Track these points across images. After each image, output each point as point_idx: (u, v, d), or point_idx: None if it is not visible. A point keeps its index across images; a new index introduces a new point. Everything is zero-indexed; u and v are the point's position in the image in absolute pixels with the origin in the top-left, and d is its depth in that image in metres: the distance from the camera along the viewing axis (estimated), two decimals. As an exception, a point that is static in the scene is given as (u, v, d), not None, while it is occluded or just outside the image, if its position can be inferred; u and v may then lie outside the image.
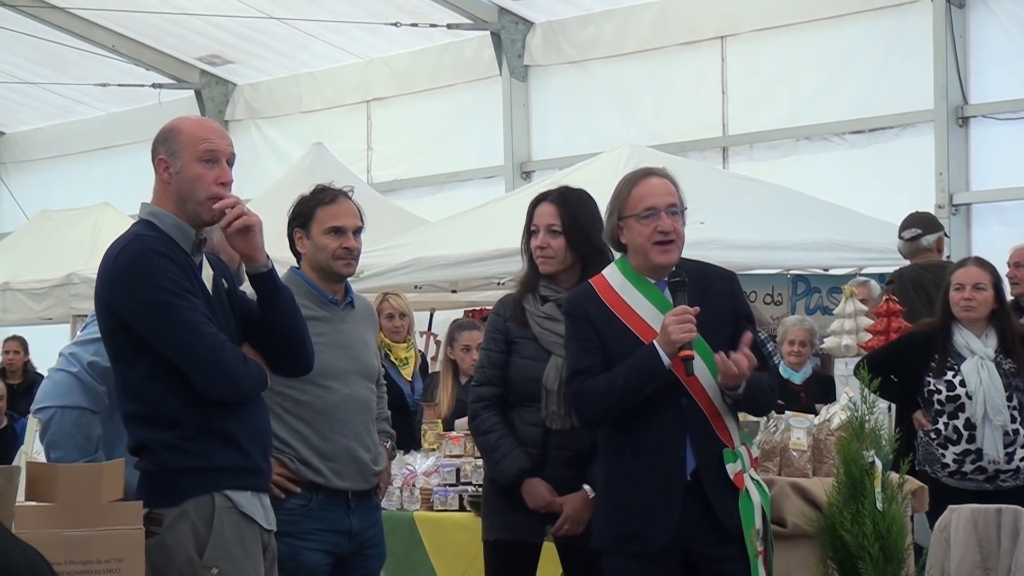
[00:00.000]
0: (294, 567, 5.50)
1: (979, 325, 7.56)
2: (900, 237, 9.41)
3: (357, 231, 5.78)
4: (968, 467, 7.49)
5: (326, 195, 5.79)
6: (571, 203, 5.88)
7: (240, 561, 4.62)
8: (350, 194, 5.85)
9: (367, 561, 5.78)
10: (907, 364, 7.67)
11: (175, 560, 4.52)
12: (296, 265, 5.83)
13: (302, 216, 5.79)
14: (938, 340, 7.57)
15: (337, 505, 5.63)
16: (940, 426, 7.53)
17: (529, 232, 5.90)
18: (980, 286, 7.55)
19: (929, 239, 9.33)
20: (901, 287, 9.09)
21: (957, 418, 7.49)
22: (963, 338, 7.55)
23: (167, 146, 4.74)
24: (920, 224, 9.45)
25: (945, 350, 7.55)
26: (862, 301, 9.28)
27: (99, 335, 4.92)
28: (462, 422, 9.35)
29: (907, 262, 9.56)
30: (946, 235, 9.68)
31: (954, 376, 7.50)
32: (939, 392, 7.51)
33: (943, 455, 7.52)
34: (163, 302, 4.55)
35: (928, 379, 7.56)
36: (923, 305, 8.69)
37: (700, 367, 5.15)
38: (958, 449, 7.50)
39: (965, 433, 7.48)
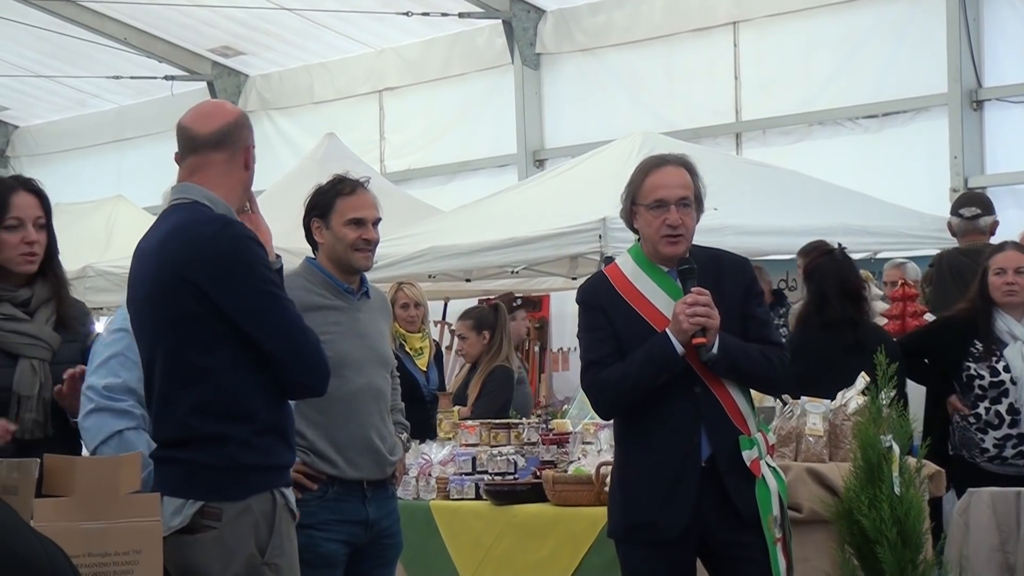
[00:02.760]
0: (311, 557, 5.50)
1: (1019, 310, 7.53)
2: (958, 214, 9.21)
3: (376, 222, 5.78)
4: (1009, 452, 7.47)
5: (345, 186, 5.78)
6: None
7: (291, 557, 4.60)
8: (367, 185, 5.85)
9: (384, 551, 5.79)
10: (944, 348, 7.64)
11: (236, 556, 4.44)
12: (311, 256, 5.83)
13: (321, 206, 5.78)
14: (979, 325, 7.52)
15: (353, 495, 5.64)
16: (981, 411, 7.50)
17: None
18: (1022, 270, 7.51)
19: (986, 220, 9.17)
20: (939, 272, 8.98)
21: (1000, 403, 7.47)
22: (1004, 323, 7.52)
23: (250, 133, 4.67)
24: (980, 204, 9.27)
25: (988, 335, 7.51)
26: (892, 285, 9.26)
27: (106, 356, 4.83)
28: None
29: (930, 248, 9.47)
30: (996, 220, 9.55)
31: (997, 361, 7.47)
32: (981, 377, 7.48)
33: (982, 440, 7.50)
34: (271, 293, 4.43)
35: (968, 364, 7.52)
36: (959, 291, 8.60)
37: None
38: (999, 434, 7.48)
39: (1008, 418, 7.46)
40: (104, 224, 15.16)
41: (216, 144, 4.57)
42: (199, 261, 4.37)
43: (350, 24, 17.15)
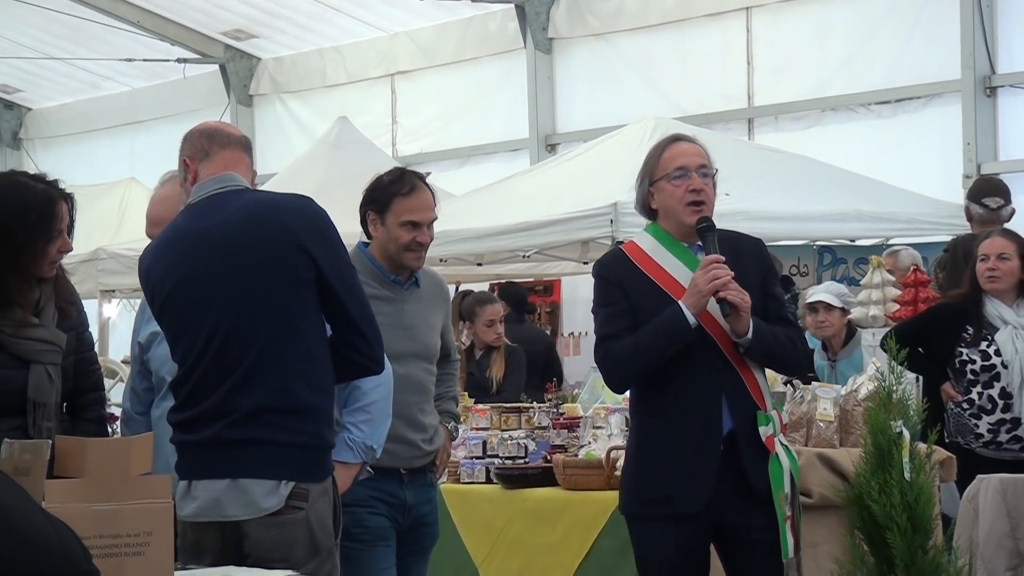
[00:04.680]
0: (359, 532, 5.51)
1: (1009, 295, 7.55)
2: (982, 204, 9.18)
3: (431, 223, 5.76)
4: (1003, 436, 7.48)
5: (404, 185, 5.73)
6: None
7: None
8: (425, 179, 5.80)
9: (420, 539, 5.78)
10: (937, 336, 7.65)
11: (319, 537, 4.50)
12: (365, 241, 5.81)
13: (378, 202, 5.73)
14: (970, 311, 7.55)
15: (389, 477, 5.63)
16: (974, 396, 7.50)
17: None
18: (1005, 256, 7.53)
19: (1007, 210, 9.17)
20: (953, 257, 8.97)
21: (992, 387, 7.48)
22: (995, 308, 7.53)
23: None
24: (1002, 194, 9.24)
25: (978, 320, 7.53)
26: (888, 271, 9.25)
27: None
28: None
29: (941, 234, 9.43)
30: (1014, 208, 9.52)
31: (988, 346, 7.48)
32: (973, 362, 7.49)
33: (977, 425, 7.51)
34: (353, 268, 4.67)
35: (960, 350, 7.53)
36: None
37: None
38: (993, 419, 7.48)
39: (1000, 402, 7.47)
40: (116, 206, 15.19)
41: (246, 147, 4.73)
42: (310, 230, 4.51)
43: (363, 7, 17.14)
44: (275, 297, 4.47)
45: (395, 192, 5.71)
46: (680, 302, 5.10)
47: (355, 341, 4.56)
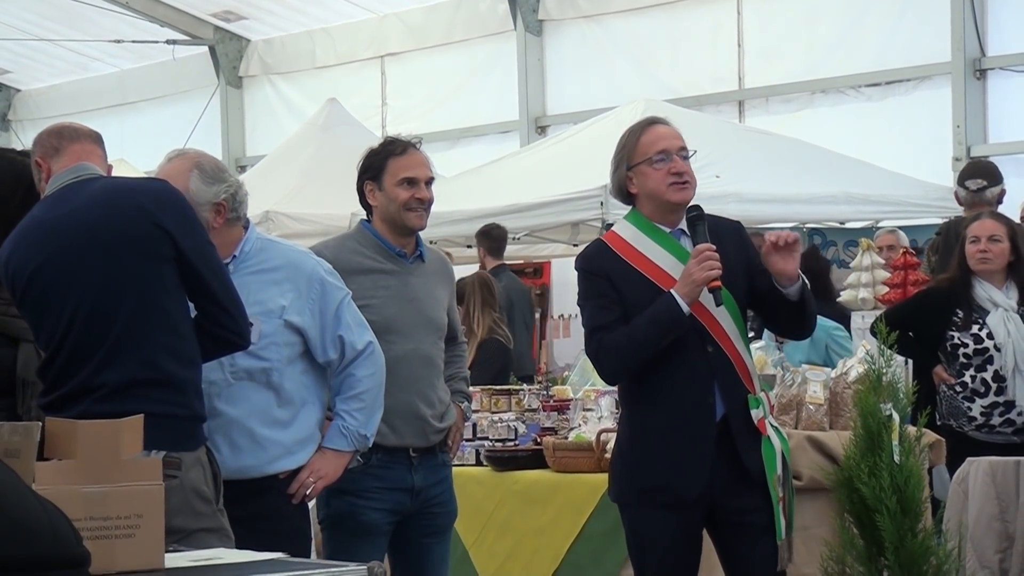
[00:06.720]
0: (353, 526, 5.49)
1: (998, 277, 7.54)
2: (963, 186, 9.17)
3: (429, 181, 5.73)
4: (996, 420, 7.48)
5: (397, 146, 5.73)
6: None
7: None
8: (419, 145, 5.81)
9: (432, 520, 5.73)
10: (926, 320, 7.65)
11: (196, 503, 4.56)
12: (367, 219, 5.78)
13: (373, 168, 5.71)
14: (960, 294, 7.54)
15: (398, 462, 5.59)
16: (967, 379, 7.51)
17: None
18: (995, 238, 7.53)
19: (993, 191, 9.14)
20: (945, 240, 8.96)
21: (985, 371, 7.48)
22: (984, 291, 7.53)
23: None
24: (986, 175, 9.22)
25: (968, 304, 7.53)
26: (888, 248, 9.25)
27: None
28: None
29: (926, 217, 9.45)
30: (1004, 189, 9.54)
31: (980, 329, 7.48)
32: (965, 346, 7.49)
33: (970, 408, 7.51)
34: (214, 245, 4.72)
35: (952, 333, 7.53)
36: None
37: (722, 312, 5.14)
38: (986, 402, 7.49)
39: (994, 385, 7.47)
40: (106, 188, 15.12)
41: (97, 140, 4.85)
42: (167, 210, 4.60)
43: (352, -11, 17.14)
44: (135, 275, 4.56)
45: (388, 154, 5.71)
46: (673, 291, 5.08)
47: (219, 316, 4.64)
